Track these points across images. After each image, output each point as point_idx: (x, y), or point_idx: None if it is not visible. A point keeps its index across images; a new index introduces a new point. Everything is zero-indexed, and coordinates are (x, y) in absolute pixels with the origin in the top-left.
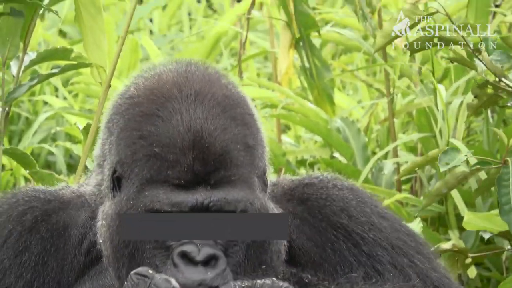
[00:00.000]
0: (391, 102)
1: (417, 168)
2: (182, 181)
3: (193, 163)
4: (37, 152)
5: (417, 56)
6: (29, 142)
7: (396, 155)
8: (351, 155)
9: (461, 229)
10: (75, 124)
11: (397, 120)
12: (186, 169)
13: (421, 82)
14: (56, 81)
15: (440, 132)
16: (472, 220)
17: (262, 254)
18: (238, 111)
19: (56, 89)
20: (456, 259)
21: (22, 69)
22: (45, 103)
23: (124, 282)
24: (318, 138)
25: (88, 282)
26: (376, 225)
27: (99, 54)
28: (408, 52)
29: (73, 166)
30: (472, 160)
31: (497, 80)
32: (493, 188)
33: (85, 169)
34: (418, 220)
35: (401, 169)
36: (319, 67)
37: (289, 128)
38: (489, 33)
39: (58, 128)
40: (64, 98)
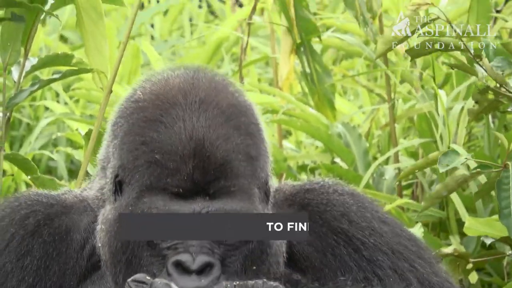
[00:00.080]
0: (392, 108)
1: (417, 171)
2: (180, 190)
3: (193, 172)
4: (38, 158)
5: (418, 61)
6: (30, 148)
7: (397, 161)
8: (352, 160)
9: (462, 234)
10: (77, 130)
11: (398, 126)
12: (185, 178)
13: (422, 87)
14: (57, 86)
15: (441, 137)
16: (473, 226)
17: (260, 263)
18: (243, 120)
19: (57, 95)
20: (457, 264)
21: (23, 74)
22: (46, 108)
23: None
24: (319, 143)
25: (90, 286)
26: (377, 230)
27: (100, 59)
28: (409, 58)
29: (74, 172)
30: (472, 164)
31: (498, 86)
32: (493, 193)
33: (86, 174)
34: (419, 225)
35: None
36: (320, 72)
37: (290, 134)
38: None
39: (59, 134)
40: (65, 104)
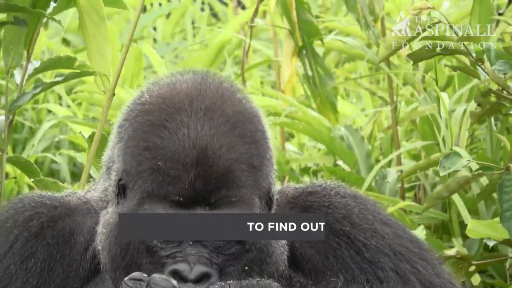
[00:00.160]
0: (395, 110)
1: (418, 171)
2: (181, 198)
3: (195, 181)
4: (41, 161)
5: (421, 64)
6: (33, 151)
7: (399, 163)
8: (354, 163)
9: (464, 236)
10: (80, 132)
11: (400, 128)
12: (186, 186)
13: (425, 90)
14: (59, 89)
15: (444, 139)
16: (475, 228)
17: (260, 272)
18: (249, 127)
19: (59, 98)
20: (460, 266)
21: (25, 77)
22: (48, 111)
23: None
24: (321, 146)
25: None
26: (379, 232)
27: (102, 62)
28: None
29: (77, 175)
30: (474, 166)
31: (500, 89)
32: (495, 195)
33: (89, 177)
34: (421, 227)
35: (404, 170)
36: (322, 75)
37: (292, 136)
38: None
39: (61, 137)
40: (68, 107)
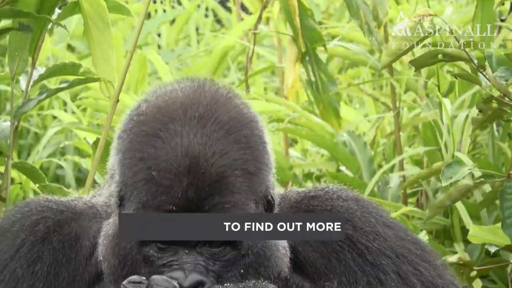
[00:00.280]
0: (397, 116)
1: (421, 180)
2: (174, 207)
3: (187, 189)
4: (46, 166)
5: (423, 70)
6: (38, 156)
7: (402, 169)
8: (357, 168)
9: (466, 241)
10: (85, 138)
11: (403, 134)
12: (179, 195)
13: (427, 96)
14: (64, 95)
15: (446, 145)
16: (477, 233)
17: (258, 277)
18: (244, 133)
19: (64, 104)
20: (462, 271)
21: (31, 83)
22: (53, 117)
23: None
24: (324, 151)
25: None
26: (381, 235)
27: (107, 68)
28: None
29: (82, 180)
30: (477, 173)
31: (502, 95)
32: (497, 201)
33: (94, 183)
34: (423, 232)
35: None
36: (325, 81)
37: (296, 142)
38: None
39: (66, 142)
40: (73, 113)
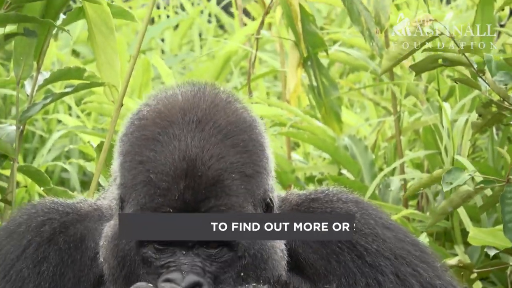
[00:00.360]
0: (398, 120)
1: (422, 188)
2: (170, 210)
3: (184, 192)
4: (51, 170)
5: (423, 75)
6: (43, 160)
7: (403, 172)
8: (358, 171)
9: (466, 244)
10: (89, 142)
11: (403, 138)
12: (176, 198)
13: (427, 100)
14: (69, 100)
15: (446, 149)
16: (477, 235)
17: (256, 279)
18: (242, 137)
19: (69, 108)
20: (462, 274)
21: (36, 88)
22: (58, 121)
23: None
24: (326, 155)
25: None
26: (380, 236)
27: (111, 73)
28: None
29: (86, 183)
30: (477, 178)
31: (501, 99)
32: (497, 204)
33: (98, 186)
34: (424, 235)
35: (408, 186)
36: (327, 85)
37: (298, 146)
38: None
39: (71, 146)
40: (77, 117)
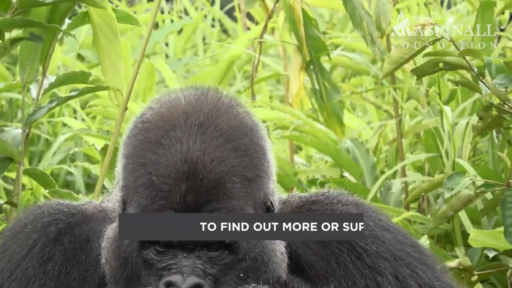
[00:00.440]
0: (399, 123)
1: (424, 193)
2: (172, 212)
3: (185, 195)
4: (56, 172)
5: (424, 78)
6: (48, 163)
7: (404, 175)
8: (360, 174)
9: (467, 246)
10: (93, 145)
11: (405, 141)
12: (178, 200)
13: (428, 104)
14: (74, 103)
15: (447, 152)
16: (477, 237)
17: (256, 281)
18: (243, 141)
19: (74, 111)
20: (462, 276)
21: (41, 92)
22: (64, 124)
23: None
24: (328, 158)
25: None
26: (379, 238)
27: (116, 77)
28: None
29: (91, 186)
30: (478, 182)
31: (501, 103)
32: (498, 208)
33: (103, 188)
34: (425, 237)
35: (409, 190)
36: (329, 89)
37: (300, 149)
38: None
39: (76, 149)
40: (83, 120)
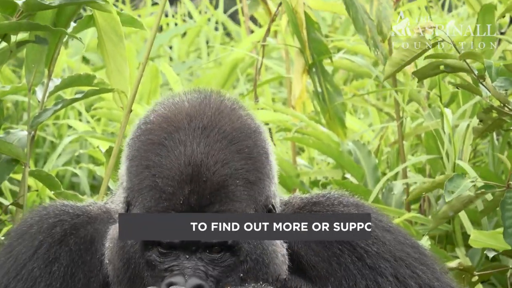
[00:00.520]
0: (401, 126)
1: (424, 193)
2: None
3: (189, 197)
4: (61, 174)
5: (425, 81)
6: (54, 164)
7: (405, 176)
8: (362, 176)
9: (467, 246)
10: (98, 147)
11: (406, 143)
12: (181, 202)
13: (429, 106)
14: (79, 106)
15: (447, 154)
16: (478, 238)
17: (257, 282)
18: (246, 143)
19: (79, 114)
20: (463, 277)
21: (47, 94)
22: (69, 127)
23: None
24: (330, 160)
25: None
26: (380, 239)
27: (120, 80)
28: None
29: (96, 187)
30: (478, 183)
31: (501, 105)
32: (498, 209)
33: (108, 189)
34: (426, 238)
35: (410, 190)
36: (331, 91)
37: (303, 150)
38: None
39: (81, 151)
40: (87, 122)
